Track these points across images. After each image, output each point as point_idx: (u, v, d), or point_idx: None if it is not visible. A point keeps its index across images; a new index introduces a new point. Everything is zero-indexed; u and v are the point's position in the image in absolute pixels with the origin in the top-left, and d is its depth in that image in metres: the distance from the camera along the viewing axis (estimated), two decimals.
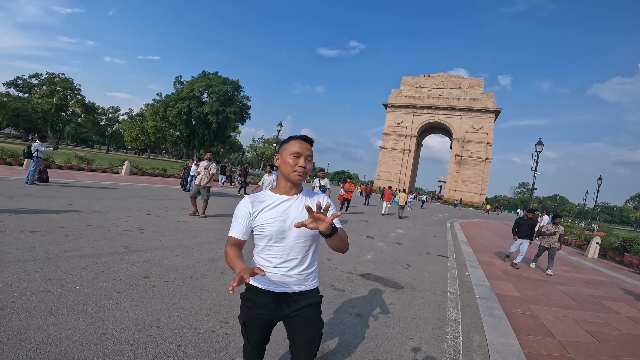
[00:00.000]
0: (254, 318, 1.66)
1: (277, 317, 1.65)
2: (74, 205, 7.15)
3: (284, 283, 1.60)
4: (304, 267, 1.62)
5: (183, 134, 55.39)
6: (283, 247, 1.57)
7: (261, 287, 1.61)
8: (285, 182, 1.60)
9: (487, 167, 62.23)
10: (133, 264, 4.00)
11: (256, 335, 1.71)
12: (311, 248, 1.63)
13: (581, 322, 4.33)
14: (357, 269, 5.42)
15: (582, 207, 66.10)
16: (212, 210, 9.73)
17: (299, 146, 1.56)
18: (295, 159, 1.55)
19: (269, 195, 1.61)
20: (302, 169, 1.54)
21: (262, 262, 1.62)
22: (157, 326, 2.62)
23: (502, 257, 8.75)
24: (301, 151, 1.55)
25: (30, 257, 3.67)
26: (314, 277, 1.69)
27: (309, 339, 1.65)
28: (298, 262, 1.60)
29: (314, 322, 1.66)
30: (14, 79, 57.88)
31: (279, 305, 1.61)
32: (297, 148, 1.55)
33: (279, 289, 1.60)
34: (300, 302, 1.63)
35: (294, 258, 1.59)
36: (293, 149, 1.55)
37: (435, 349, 3.03)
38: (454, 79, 67.26)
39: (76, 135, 78.31)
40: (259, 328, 1.69)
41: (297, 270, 1.60)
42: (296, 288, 1.62)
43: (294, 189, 1.62)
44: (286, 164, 1.56)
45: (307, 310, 1.64)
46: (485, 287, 5.49)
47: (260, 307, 1.62)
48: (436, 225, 16.22)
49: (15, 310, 2.50)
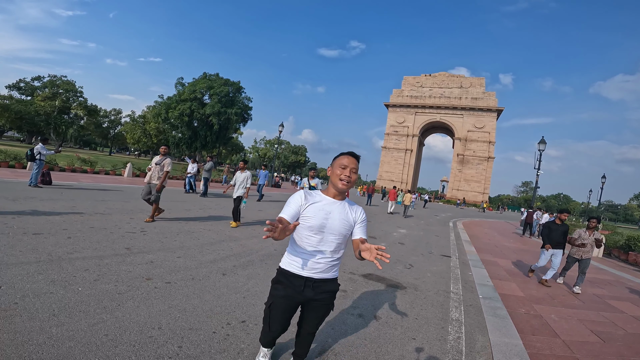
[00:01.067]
0: (280, 300, 1.97)
1: (301, 299, 1.97)
2: (77, 207, 7.17)
3: (312, 269, 1.93)
4: (331, 259, 1.96)
5: (185, 136, 55.49)
6: (319, 239, 1.91)
7: (292, 270, 1.95)
8: (334, 188, 1.95)
9: (489, 166, 62.00)
10: (135, 265, 4.00)
11: (278, 320, 2.02)
12: (340, 245, 1.98)
13: (586, 322, 4.30)
14: (359, 269, 5.41)
15: (586, 206, 65.73)
16: (212, 212, 9.74)
17: (347, 160, 1.91)
18: (342, 170, 1.89)
19: (320, 195, 1.97)
20: (347, 177, 1.88)
21: (298, 248, 1.95)
22: (158, 327, 2.61)
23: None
24: (347, 164, 1.89)
25: (33, 259, 3.68)
26: (337, 269, 2.04)
27: (319, 316, 2.08)
28: (327, 254, 1.94)
29: (328, 306, 2.06)
30: (16, 81, 58.08)
31: (305, 288, 1.94)
32: (345, 162, 1.90)
33: (307, 274, 1.93)
34: (322, 288, 1.97)
35: (325, 250, 1.93)
36: (342, 162, 1.90)
37: (438, 350, 3.01)
38: (456, 78, 67.07)
39: (79, 138, 78.60)
40: (283, 312, 2.00)
41: (325, 260, 1.94)
42: (321, 275, 1.96)
43: (339, 195, 1.97)
44: (334, 174, 1.91)
45: (325, 295, 2.00)
46: (488, 286, 5.46)
47: (288, 288, 1.95)
48: (439, 224, 16.17)
49: (18, 312, 2.50)
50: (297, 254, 1.95)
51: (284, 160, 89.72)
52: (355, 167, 1.91)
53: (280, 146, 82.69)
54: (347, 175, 1.87)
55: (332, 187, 1.95)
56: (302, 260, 1.93)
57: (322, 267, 1.94)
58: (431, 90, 67.10)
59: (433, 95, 66.58)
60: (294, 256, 1.97)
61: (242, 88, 57.68)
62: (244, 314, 3.12)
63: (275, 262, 5.02)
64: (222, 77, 56.64)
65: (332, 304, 2.07)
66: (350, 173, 1.88)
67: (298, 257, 1.95)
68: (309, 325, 2.11)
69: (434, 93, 66.71)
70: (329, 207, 1.91)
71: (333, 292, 2.03)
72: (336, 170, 1.90)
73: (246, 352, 2.47)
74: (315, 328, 2.14)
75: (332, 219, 1.89)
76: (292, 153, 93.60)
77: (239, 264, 4.75)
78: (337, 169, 1.90)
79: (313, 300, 1.98)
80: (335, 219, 1.90)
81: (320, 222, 1.88)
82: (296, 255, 1.96)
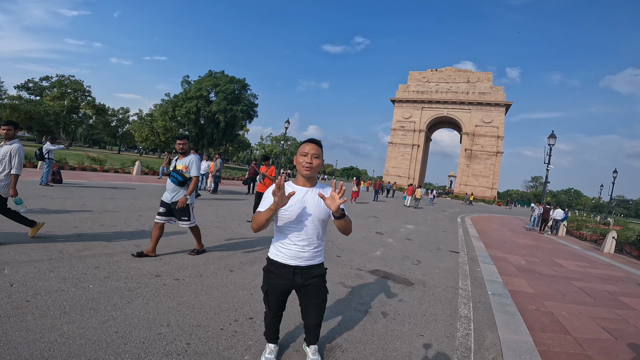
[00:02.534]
0: (274, 287, 2.12)
1: (292, 286, 2.10)
2: (87, 205, 7.27)
3: (299, 257, 2.04)
4: (315, 246, 2.06)
5: (192, 133, 55.87)
6: (300, 228, 2.00)
7: (281, 261, 2.06)
8: (301, 176, 2.02)
9: (498, 161, 61.32)
10: (144, 262, 4.04)
11: (275, 302, 2.17)
12: (321, 231, 2.08)
13: (597, 319, 4.23)
14: (366, 266, 5.40)
15: (597, 201, 64.72)
16: (220, 209, 9.80)
17: (307, 147, 1.96)
18: (303, 157, 1.96)
19: (291, 186, 2.02)
20: (309, 164, 1.94)
21: (282, 239, 2.06)
22: (167, 324, 2.64)
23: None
24: (308, 151, 1.95)
25: (45, 257, 3.74)
26: (321, 254, 2.15)
27: (318, 302, 2.18)
28: (311, 241, 2.04)
29: (321, 289, 2.17)
30: (24, 82, 58.86)
31: (294, 276, 2.06)
32: (306, 149, 1.96)
33: (294, 263, 2.04)
34: (310, 274, 2.09)
35: (308, 237, 2.02)
36: (303, 150, 1.97)
37: (446, 346, 2.99)
38: (462, 73, 66.27)
39: (88, 137, 79.74)
40: (277, 295, 2.15)
41: (310, 247, 2.05)
42: (307, 262, 2.06)
43: (309, 182, 2.03)
44: (298, 163, 1.98)
45: (315, 280, 2.12)
46: (497, 283, 5.41)
47: (279, 277, 2.08)
48: (447, 220, 16.06)
49: (29, 310, 2.54)
50: (283, 244, 2.06)
51: (290, 156, 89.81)
52: (317, 153, 1.96)
53: (286, 143, 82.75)
54: (308, 162, 1.94)
55: (299, 175, 2.03)
56: (288, 250, 2.04)
57: (308, 255, 2.05)
58: (437, 85, 66.41)
59: (440, 90, 65.90)
60: (280, 247, 2.08)
61: (248, 85, 57.81)
62: (252, 310, 3.13)
63: None
64: (228, 74, 56.74)
65: (324, 288, 2.19)
66: (312, 159, 1.94)
67: (284, 247, 2.05)
68: (311, 315, 2.21)
69: (440, 88, 66.02)
70: (302, 195, 1.98)
71: (321, 275, 2.15)
72: (299, 158, 1.98)
73: (254, 348, 2.48)
74: (319, 318, 2.23)
75: (307, 207, 1.98)
76: None
77: (245, 260, 4.77)
78: (300, 157, 1.97)
79: (304, 286, 2.10)
80: (311, 206, 1.98)
81: (297, 212, 1.97)
82: (282, 246, 2.06)
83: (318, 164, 1.97)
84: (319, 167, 1.98)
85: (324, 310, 2.25)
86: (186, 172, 4.38)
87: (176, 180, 4.30)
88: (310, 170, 1.95)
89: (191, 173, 4.39)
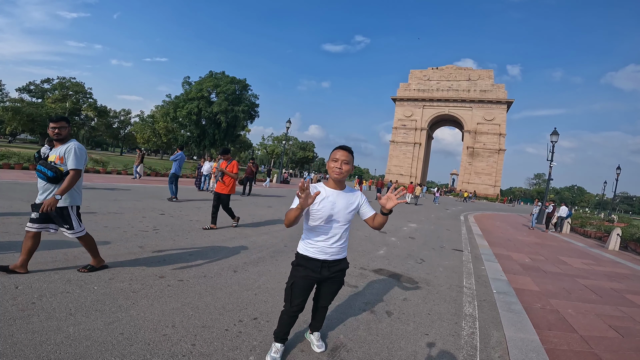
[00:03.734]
0: (301, 278, 2.28)
1: (318, 278, 2.29)
2: (91, 207, 7.29)
3: (327, 253, 2.25)
4: (342, 242, 2.29)
5: (193, 134, 56.01)
6: (329, 227, 2.22)
7: (310, 255, 2.25)
8: (331, 179, 2.22)
9: (500, 158, 61.10)
10: (148, 263, 4.05)
11: (298, 296, 2.29)
12: (347, 229, 2.30)
13: (604, 317, 4.20)
14: (370, 265, 5.39)
15: (600, 198, 64.36)
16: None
17: (338, 154, 2.15)
18: (334, 163, 2.15)
19: (324, 187, 2.23)
20: (339, 169, 2.13)
21: (312, 236, 2.25)
22: (172, 325, 2.64)
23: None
24: (339, 157, 2.14)
25: (50, 259, 3.75)
26: (345, 250, 2.37)
27: (333, 291, 2.44)
28: (338, 238, 2.25)
29: (340, 281, 2.43)
30: (26, 84, 59.02)
31: (322, 270, 2.27)
32: (337, 155, 2.15)
33: (322, 257, 2.25)
34: (336, 267, 2.32)
35: (335, 234, 2.24)
36: (335, 156, 2.16)
37: (452, 345, 2.98)
38: (463, 70, 66.03)
39: (91, 139, 79.92)
40: (303, 288, 2.29)
41: (337, 243, 2.26)
42: (334, 257, 2.28)
43: (339, 185, 2.24)
44: (330, 167, 2.17)
45: (339, 273, 2.35)
46: (502, 281, 5.39)
47: (308, 270, 2.27)
48: (450, 218, 16.02)
49: (35, 312, 2.55)
50: (313, 241, 2.25)
51: (292, 156, 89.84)
52: (347, 159, 2.14)
53: (288, 142, 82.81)
54: (338, 167, 2.12)
55: (330, 178, 2.22)
56: (317, 246, 2.24)
57: (335, 250, 2.26)
58: (439, 84, 66.21)
59: (441, 88, 65.70)
60: (310, 243, 2.27)
61: (249, 85, 57.84)
62: (256, 310, 3.13)
63: (286, 259, 5.03)
64: (228, 75, 56.76)
65: (343, 280, 2.45)
66: (342, 165, 2.12)
67: (314, 243, 2.25)
68: (324, 299, 2.46)
69: (441, 86, 65.82)
70: (333, 197, 2.19)
71: (344, 269, 2.40)
72: (330, 163, 2.17)
73: (258, 349, 2.47)
74: (329, 302, 2.50)
75: (337, 208, 2.19)
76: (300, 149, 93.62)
77: (249, 260, 4.77)
78: (331, 162, 2.16)
79: (328, 279, 2.32)
80: (341, 208, 2.20)
81: (328, 212, 2.17)
82: (312, 242, 2.26)
83: (348, 169, 2.16)
84: (349, 172, 2.17)
85: (334, 297, 2.52)
86: (61, 165, 3.28)
87: (43, 176, 3.21)
88: (340, 174, 2.14)
89: (68, 165, 3.27)
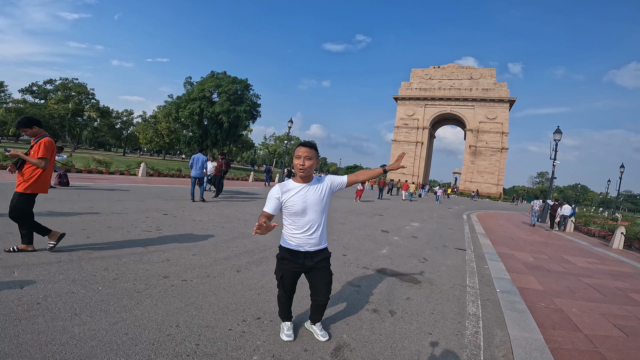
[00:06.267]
0: (288, 271, 2.45)
1: (302, 269, 2.45)
2: (95, 207, 7.33)
3: (307, 244, 2.38)
4: (320, 232, 2.41)
5: (196, 135, 56.05)
6: (304, 219, 2.34)
7: (292, 248, 2.39)
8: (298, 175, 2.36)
9: (503, 157, 60.88)
10: (152, 264, 4.07)
11: (289, 285, 2.51)
12: (323, 218, 2.43)
13: (608, 316, 4.18)
14: (372, 264, 5.38)
15: (604, 196, 63.93)
16: (225, 209, 9.83)
17: (301, 151, 2.27)
18: (297, 160, 2.28)
19: (293, 183, 2.35)
20: (301, 165, 2.27)
21: (292, 230, 2.37)
22: (176, 325, 2.65)
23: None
24: (301, 154, 2.26)
25: (54, 259, 3.77)
26: (325, 240, 2.51)
27: (326, 282, 2.50)
28: (315, 228, 2.38)
29: (327, 270, 2.52)
30: (29, 85, 59.01)
31: (305, 260, 2.41)
32: (300, 152, 2.27)
33: (304, 249, 2.39)
34: (318, 257, 2.45)
35: (313, 225, 2.36)
36: (297, 153, 2.28)
37: (455, 344, 2.97)
38: (465, 69, 65.80)
39: (93, 140, 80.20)
40: (291, 278, 2.49)
41: (316, 234, 2.39)
42: (315, 247, 2.42)
43: (305, 179, 2.35)
44: (294, 164, 2.31)
45: (322, 263, 2.47)
46: (506, 280, 5.37)
47: (292, 262, 2.41)
48: (452, 217, 15.98)
49: (40, 312, 2.57)
50: (292, 234, 2.38)
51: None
52: (309, 155, 2.26)
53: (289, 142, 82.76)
54: (301, 164, 2.26)
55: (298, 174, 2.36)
56: (298, 239, 2.37)
57: (315, 241, 2.39)
58: (440, 82, 66.06)
59: (442, 87, 65.55)
60: (290, 236, 2.39)
61: (250, 85, 57.86)
62: (259, 310, 3.14)
63: None
64: (230, 75, 56.80)
65: (330, 269, 2.54)
66: (304, 161, 2.26)
67: (293, 237, 2.38)
68: (320, 295, 2.50)
69: (443, 85, 65.66)
70: (303, 191, 2.32)
71: (327, 258, 2.51)
72: (294, 160, 2.30)
73: (262, 349, 2.48)
74: (325, 297, 2.51)
75: (310, 200, 2.32)
76: None
77: (252, 260, 4.78)
78: (295, 159, 2.29)
79: (313, 269, 2.45)
80: (313, 199, 2.32)
81: (301, 206, 2.30)
82: (292, 235, 2.38)
83: (310, 165, 2.28)
84: (313, 167, 2.29)
85: (330, 290, 2.55)
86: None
87: None
88: (303, 171, 2.28)
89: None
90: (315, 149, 2.30)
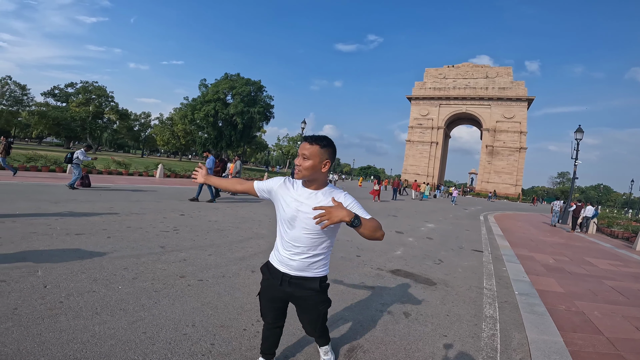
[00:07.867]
0: (265, 290, 1.93)
1: (281, 293, 1.86)
2: (115, 208, 7.54)
3: (287, 265, 1.80)
4: (307, 256, 1.77)
5: (211, 136, 56.92)
6: (291, 235, 1.76)
7: (273, 263, 1.88)
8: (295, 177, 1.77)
9: (521, 157, 59.47)
10: (169, 263, 4.15)
11: (267, 309, 1.95)
12: (320, 242, 1.76)
13: (631, 319, 4.03)
14: (386, 265, 5.35)
15: (628, 197, 61.60)
16: (240, 210, 9.94)
17: (301, 147, 1.70)
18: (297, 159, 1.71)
19: (299, 185, 1.78)
20: (298, 167, 1.68)
21: (278, 241, 1.87)
22: (192, 325, 2.70)
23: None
24: (300, 151, 1.69)
25: (76, 258, 3.90)
26: (320, 267, 1.82)
27: (311, 319, 1.95)
28: (302, 251, 1.75)
29: (316, 306, 1.88)
30: (51, 88, 61.34)
31: (282, 283, 1.81)
32: (300, 149, 1.70)
33: (283, 269, 1.81)
34: (303, 286, 1.80)
35: (299, 246, 1.75)
36: (299, 151, 1.70)
37: (471, 347, 2.92)
38: (480, 68, 64.59)
39: (113, 141, 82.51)
40: (269, 301, 1.93)
41: (300, 257, 1.76)
42: (297, 273, 1.79)
43: (313, 184, 1.74)
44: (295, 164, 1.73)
45: (308, 294, 1.82)
46: (524, 282, 5.25)
47: (270, 280, 1.88)
48: (468, 218, 15.70)
49: (63, 311, 2.65)
50: (277, 247, 1.87)
51: None
52: (307, 153, 1.64)
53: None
54: (297, 165, 1.67)
55: None
56: (279, 254, 1.83)
57: (297, 265, 1.77)
58: (455, 82, 65.05)
59: (457, 86, 64.52)
60: (275, 249, 1.90)
61: (263, 87, 58.32)
62: None
63: None
64: (243, 76, 57.43)
65: (321, 305, 1.89)
66: (301, 160, 1.66)
67: (277, 250, 1.86)
68: (306, 328, 2.05)
69: (458, 84, 64.63)
70: (302, 197, 1.72)
71: (315, 290, 1.81)
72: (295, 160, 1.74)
73: None
74: (315, 332, 2.04)
75: (303, 211, 1.69)
76: None
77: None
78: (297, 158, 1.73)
79: (295, 297, 1.86)
80: (308, 211, 1.66)
81: (291, 213, 1.72)
82: (276, 249, 1.88)
83: (309, 165, 1.65)
84: (313, 168, 1.66)
85: (321, 327, 2.03)
86: None
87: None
88: (300, 174, 1.67)
89: None
90: (321, 144, 1.66)
